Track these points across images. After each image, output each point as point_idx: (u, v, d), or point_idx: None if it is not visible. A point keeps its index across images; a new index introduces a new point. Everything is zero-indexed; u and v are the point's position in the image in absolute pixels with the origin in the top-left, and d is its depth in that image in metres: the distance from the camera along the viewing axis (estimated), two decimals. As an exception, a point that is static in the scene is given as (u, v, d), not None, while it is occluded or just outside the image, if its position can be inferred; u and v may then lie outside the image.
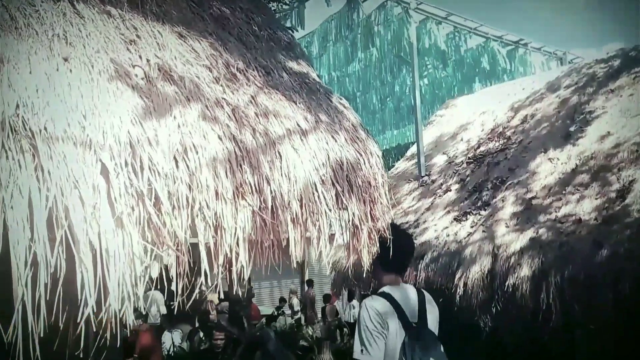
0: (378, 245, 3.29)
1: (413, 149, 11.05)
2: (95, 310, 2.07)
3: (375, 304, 3.02)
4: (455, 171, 9.27)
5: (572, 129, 8.20)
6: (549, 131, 8.63)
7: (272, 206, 2.81)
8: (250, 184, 2.73)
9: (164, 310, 11.67)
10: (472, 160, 9.22)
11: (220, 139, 2.72)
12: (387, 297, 3.07)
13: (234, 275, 2.58)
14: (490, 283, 6.60)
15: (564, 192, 7.03)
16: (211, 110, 2.82)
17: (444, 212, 8.31)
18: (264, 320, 13.04)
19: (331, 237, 3.11)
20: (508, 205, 7.46)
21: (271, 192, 2.82)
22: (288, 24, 10.88)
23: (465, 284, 6.76)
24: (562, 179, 7.30)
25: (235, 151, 2.74)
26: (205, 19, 3.79)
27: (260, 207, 2.75)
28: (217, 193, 2.56)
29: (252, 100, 3.16)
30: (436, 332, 3.13)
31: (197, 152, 2.55)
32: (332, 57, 13.26)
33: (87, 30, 2.81)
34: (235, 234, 2.59)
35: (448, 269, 7.17)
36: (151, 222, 2.31)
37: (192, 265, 2.44)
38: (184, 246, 2.38)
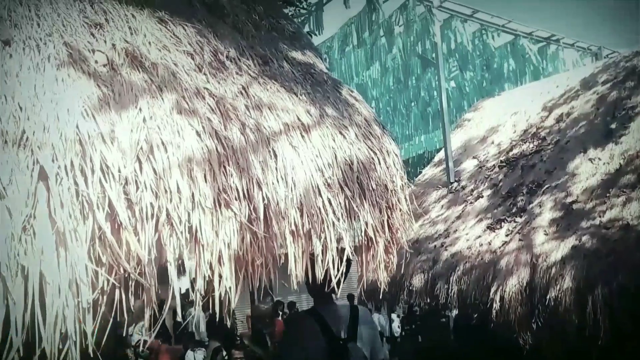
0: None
1: (441, 154, 10.58)
2: (22, 354, 1.59)
3: (301, 321, 3.10)
4: (486, 176, 8.74)
5: (612, 126, 7.60)
6: (588, 130, 8.07)
7: (265, 216, 2.32)
8: (236, 190, 2.24)
9: (202, 327, 11.42)
10: (504, 164, 8.69)
11: (198, 135, 2.24)
12: (314, 313, 3.03)
13: (216, 301, 2.08)
14: (530, 297, 6.09)
15: (607, 194, 6.48)
16: (189, 102, 2.33)
17: (475, 220, 7.79)
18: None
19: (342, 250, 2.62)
20: (546, 210, 6.91)
21: (263, 198, 2.33)
22: (306, 29, 10.55)
23: (501, 298, 6.26)
24: (605, 181, 6.74)
25: (217, 149, 2.25)
26: (195, 6, 3.34)
27: (249, 217, 2.26)
28: (193, 201, 2.08)
29: (243, 91, 2.68)
30: (368, 350, 3.04)
31: (166, 151, 2.07)
32: (353, 61, 12.87)
33: (41, 12, 2.37)
34: (217, 250, 2.10)
35: (482, 281, 6.67)
36: (105, 239, 1.84)
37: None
38: (147, 268, 1.90)
